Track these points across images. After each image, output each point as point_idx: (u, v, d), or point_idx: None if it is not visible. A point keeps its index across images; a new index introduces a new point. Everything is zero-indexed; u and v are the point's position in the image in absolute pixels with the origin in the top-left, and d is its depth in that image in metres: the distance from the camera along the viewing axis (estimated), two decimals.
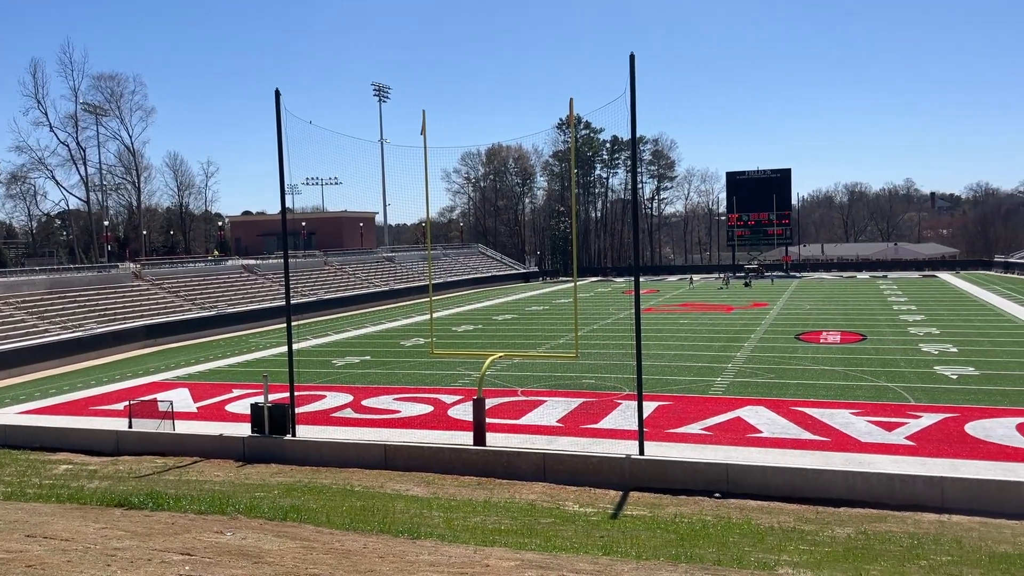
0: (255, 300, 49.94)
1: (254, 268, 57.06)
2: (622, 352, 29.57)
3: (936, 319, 38.57)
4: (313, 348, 36.05)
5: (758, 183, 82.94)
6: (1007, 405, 20.28)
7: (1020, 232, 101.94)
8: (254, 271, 56.46)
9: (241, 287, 52.33)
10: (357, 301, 56.91)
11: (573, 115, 19.62)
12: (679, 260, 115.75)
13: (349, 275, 63.33)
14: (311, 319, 48.92)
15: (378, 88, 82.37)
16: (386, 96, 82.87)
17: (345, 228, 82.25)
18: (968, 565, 10.65)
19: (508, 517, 13.37)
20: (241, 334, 43.26)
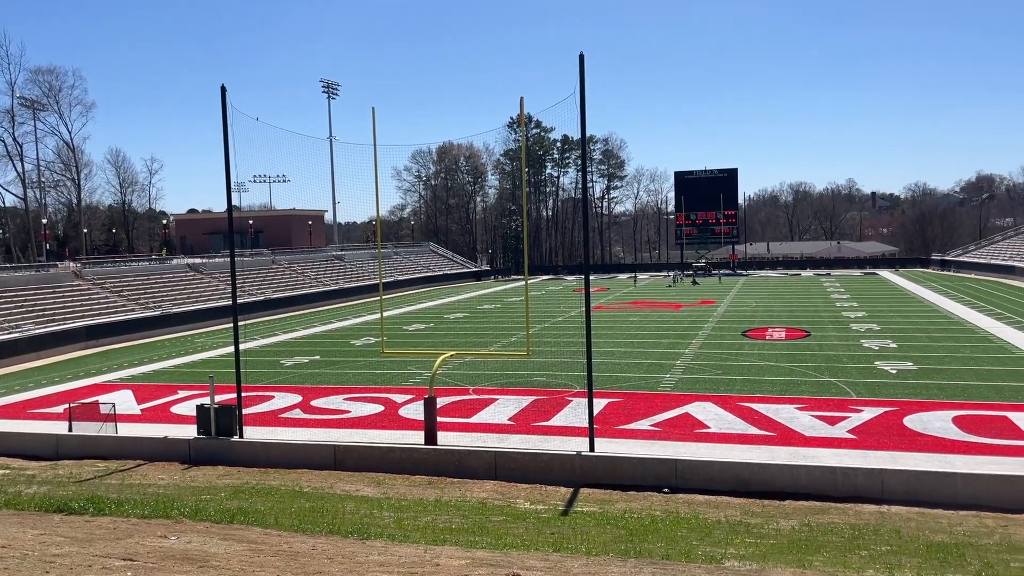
0: (201, 300, 49.00)
1: (200, 267, 55.98)
2: (573, 350, 29.75)
3: (877, 316, 39.61)
4: (261, 348, 35.52)
5: (706, 183, 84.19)
6: (943, 399, 20.92)
7: (956, 231, 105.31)
8: (200, 270, 55.40)
9: (187, 286, 51.30)
10: (306, 300, 56.25)
11: (524, 114, 19.68)
12: (629, 258, 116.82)
13: (298, 274, 62.55)
14: (259, 319, 48.19)
15: (327, 85, 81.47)
16: (335, 93, 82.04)
17: (294, 226, 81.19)
18: (906, 554, 10.96)
19: (459, 516, 13.36)
20: (187, 334, 42.41)
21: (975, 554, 10.99)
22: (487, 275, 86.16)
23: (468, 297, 60.54)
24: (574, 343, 31.21)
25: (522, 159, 20.22)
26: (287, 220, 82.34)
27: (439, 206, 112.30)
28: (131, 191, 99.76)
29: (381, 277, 22.35)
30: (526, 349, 19.31)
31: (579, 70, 16.60)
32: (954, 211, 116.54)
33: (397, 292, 66.18)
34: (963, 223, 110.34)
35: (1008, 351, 28.08)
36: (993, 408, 19.72)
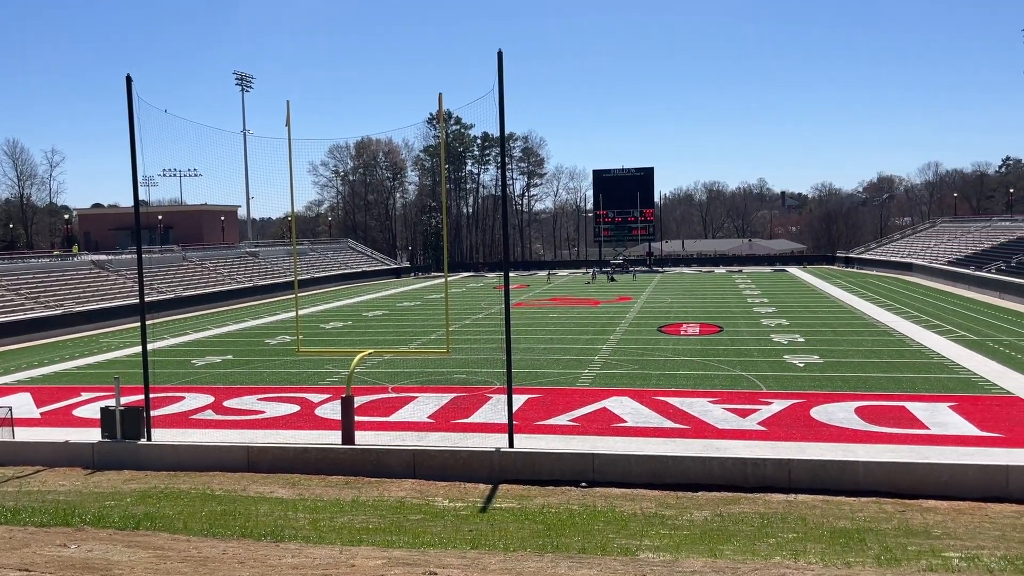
0: (107, 298, 47.06)
1: (106, 264, 53.76)
2: (493, 347, 29.82)
3: (786, 311, 41.01)
4: (171, 348, 34.36)
5: (623, 181, 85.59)
6: (847, 390, 21.81)
7: (859, 230, 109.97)
8: (106, 267, 53.20)
9: (91, 284, 49.18)
10: (219, 298, 54.68)
11: (442, 110, 19.58)
12: (549, 256, 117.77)
13: (210, 271, 60.76)
14: (169, 317, 46.60)
15: (240, 77, 79.37)
16: (249, 86, 79.99)
17: (206, 222, 78.75)
18: (811, 540, 11.37)
19: (376, 515, 13.21)
20: (91, 334, 40.66)
21: (875, 538, 11.49)
22: (407, 272, 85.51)
23: (387, 295, 59.96)
24: (494, 340, 31.27)
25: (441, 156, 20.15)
26: (198, 216, 79.81)
27: (357, 202, 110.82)
28: (30, 184, 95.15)
29: (296, 274, 21.91)
30: (446, 346, 19.24)
31: (498, 67, 16.61)
32: (857, 210, 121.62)
33: (314, 290, 65.01)
34: (865, 222, 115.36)
35: (906, 344, 29.47)
36: (892, 399, 20.67)
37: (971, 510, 13.22)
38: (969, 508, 13.32)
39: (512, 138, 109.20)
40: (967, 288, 49.97)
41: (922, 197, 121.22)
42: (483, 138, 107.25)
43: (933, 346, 28.76)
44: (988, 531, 12.04)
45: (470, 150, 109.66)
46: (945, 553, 10.59)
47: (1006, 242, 57.48)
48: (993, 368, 24.42)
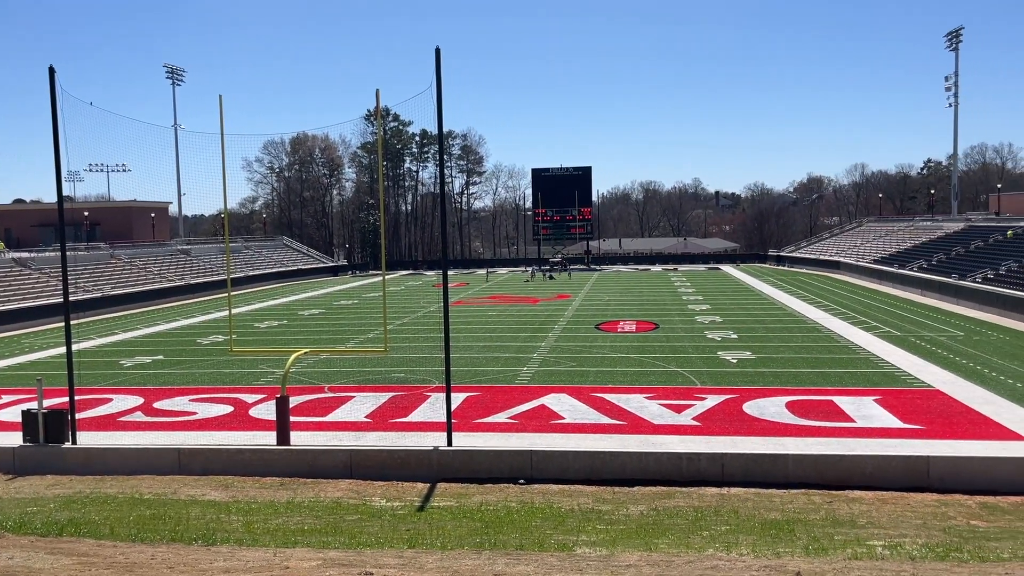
0: (29, 297, 45.29)
1: (28, 262, 51.74)
2: (432, 345, 29.68)
3: (719, 308, 41.85)
4: (98, 348, 33.26)
5: (561, 180, 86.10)
6: (778, 385, 22.36)
7: (790, 229, 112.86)
8: (28, 265, 51.20)
9: (12, 283, 47.28)
10: (149, 297, 53.17)
11: (380, 107, 19.39)
12: (488, 254, 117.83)
13: (139, 269, 59.03)
14: (96, 317, 45.10)
15: (171, 70, 77.30)
16: (180, 79, 77.96)
17: (135, 219, 76.43)
18: (743, 532, 11.63)
19: (312, 516, 13.02)
20: (12, 334, 39.10)
21: (803, 529, 11.81)
22: (344, 270, 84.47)
23: (324, 293, 59.15)
24: (433, 338, 31.13)
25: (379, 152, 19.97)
26: (127, 212, 77.39)
27: (293, 199, 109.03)
28: None
29: (229, 272, 21.44)
30: (384, 345, 19.08)
31: (435, 64, 16.54)
32: (788, 210, 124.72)
33: (248, 288, 63.74)
34: (796, 221, 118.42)
35: (834, 340, 30.38)
36: (821, 393, 21.28)
37: (894, 500, 13.70)
38: (892, 498, 13.79)
39: (451, 136, 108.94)
40: (891, 285, 51.77)
41: (849, 197, 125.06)
42: (422, 135, 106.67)
43: (859, 342, 29.70)
44: (910, 520, 12.50)
45: (408, 147, 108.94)
46: (870, 542, 10.95)
47: (927, 241, 59.73)
48: (915, 362, 25.35)
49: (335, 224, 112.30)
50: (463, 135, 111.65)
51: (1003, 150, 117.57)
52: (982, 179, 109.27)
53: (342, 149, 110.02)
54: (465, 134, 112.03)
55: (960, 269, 45.65)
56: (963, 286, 41.90)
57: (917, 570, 8.54)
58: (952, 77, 74.17)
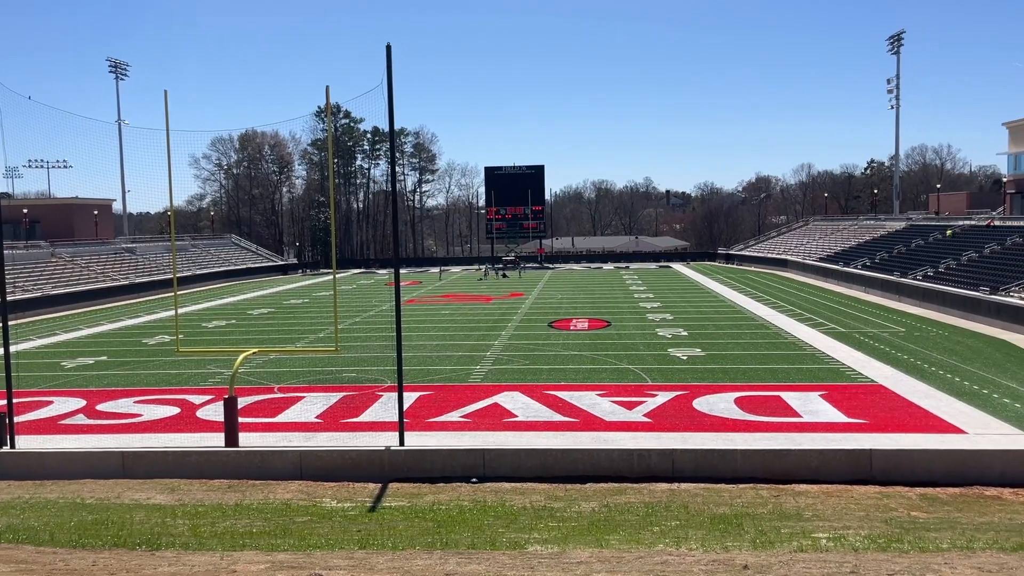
0: None
1: None
2: (384, 344, 29.48)
3: (670, 306, 42.34)
4: (38, 349, 32.30)
5: (514, 178, 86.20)
6: (727, 382, 22.71)
7: (739, 227, 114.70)
8: None
9: None
10: (92, 297, 51.79)
11: (330, 103, 19.15)
12: (441, 252, 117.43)
13: (82, 268, 57.49)
14: (36, 317, 43.78)
15: (115, 64, 75.39)
16: (124, 74, 76.07)
17: (77, 216, 74.38)
18: (693, 527, 11.78)
19: (261, 519, 12.82)
20: None
21: (751, 523, 12.01)
22: (295, 269, 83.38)
23: (274, 292, 58.32)
24: (385, 337, 30.92)
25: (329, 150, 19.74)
26: (69, 209, 75.27)
27: (242, 196, 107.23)
28: None
29: (175, 271, 20.98)
30: (335, 344, 18.88)
31: (386, 61, 16.43)
32: (737, 209, 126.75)
33: (196, 287, 62.53)
34: (745, 220, 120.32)
35: (781, 337, 30.96)
36: (768, 389, 21.67)
37: (839, 492, 14.01)
38: (837, 491, 14.11)
39: (403, 133, 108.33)
40: (836, 283, 52.96)
41: (796, 197, 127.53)
42: (373, 132, 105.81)
43: (806, 338, 30.32)
44: (854, 512, 12.80)
45: (360, 144, 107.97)
46: (815, 534, 11.19)
47: (871, 240, 61.23)
48: (859, 358, 25.97)
49: (285, 222, 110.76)
50: (415, 133, 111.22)
51: (942, 151, 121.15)
52: (922, 179, 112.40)
53: (292, 146, 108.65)
54: (417, 132, 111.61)
55: (902, 267, 46.91)
56: (904, 283, 43.06)
57: (859, 561, 8.74)
58: (894, 80, 76.17)
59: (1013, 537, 10.83)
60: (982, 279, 37.61)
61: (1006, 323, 32.05)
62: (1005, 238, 45.30)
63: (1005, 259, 41.36)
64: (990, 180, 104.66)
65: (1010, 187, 67.30)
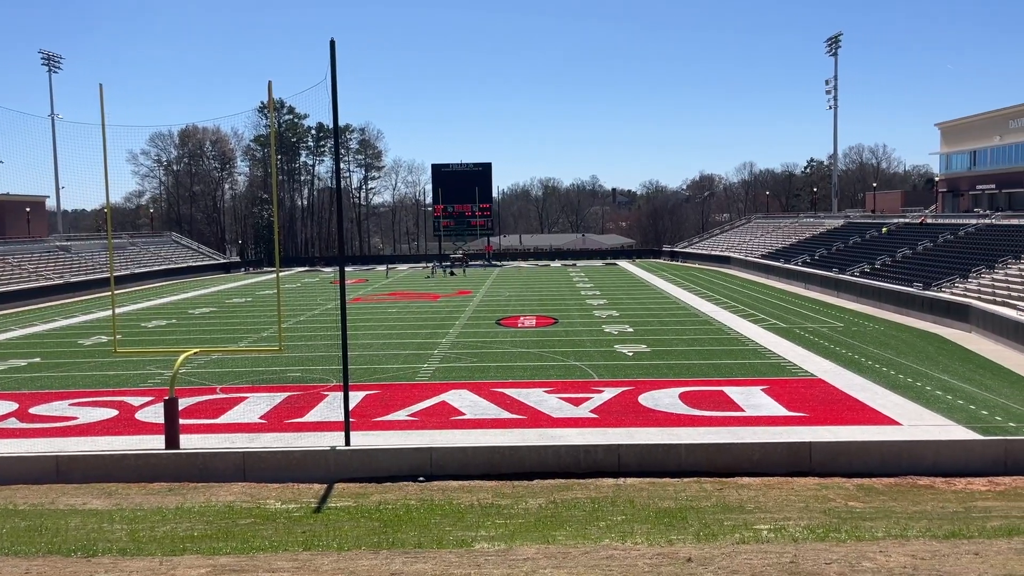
0: None
1: None
2: (329, 343, 29.14)
3: (616, 303, 42.74)
4: None
5: (462, 176, 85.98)
6: (672, 377, 23.02)
7: (683, 225, 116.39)
8: None
9: None
10: (23, 297, 50.07)
11: (272, 99, 18.88)
12: (388, 250, 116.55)
13: (13, 267, 55.54)
14: None
15: (47, 56, 72.99)
16: (58, 66, 73.72)
17: (8, 213, 71.78)
18: (638, 522, 11.91)
19: (203, 522, 12.55)
20: None
21: (695, 516, 12.19)
22: (237, 267, 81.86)
23: (216, 291, 57.18)
24: (331, 336, 30.55)
25: (271, 146, 19.35)
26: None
27: (182, 193, 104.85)
28: None
29: (112, 269, 20.44)
30: (278, 344, 18.60)
31: (330, 56, 16.22)
32: (681, 207, 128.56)
33: (134, 286, 60.94)
34: (689, 218, 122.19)
35: (724, 332, 31.50)
36: (712, 384, 22.04)
37: (780, 484, 14.31)
38: (778, 483, 14.41)
39: (348, 130, 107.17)
40: (777, 279, 54.11)
41: (739, 195, 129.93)
42: (318, 128, 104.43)
43: (748, 334, 30.91)
44: (794, 503, 13.08)
45: (304, 140, 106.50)
46: (757, 526, 11.41)
47: (810, 237, 62.70)
48: (799, 353, 26.58)
49: (227, 220, 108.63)
50: (361, 129, 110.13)
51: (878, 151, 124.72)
52: (860, 178, 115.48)
53: (234, 142, 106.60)
54: (363, 128, 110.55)
55: (840, 263, 48.15)
56: (843, 279, 44.20)
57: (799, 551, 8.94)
58: (832, 81, 78.10)
59: (945, 525, 11.20)
60: (916, 275, 38.82)
61: (938, 318, 33.15)
62: (937, 235, 46.84)
63: (937, 256, 42.77)
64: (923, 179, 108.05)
65: (942, 186, 69.63)
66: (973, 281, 34.96)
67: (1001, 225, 44.60)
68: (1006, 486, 14.13)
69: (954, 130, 67.43)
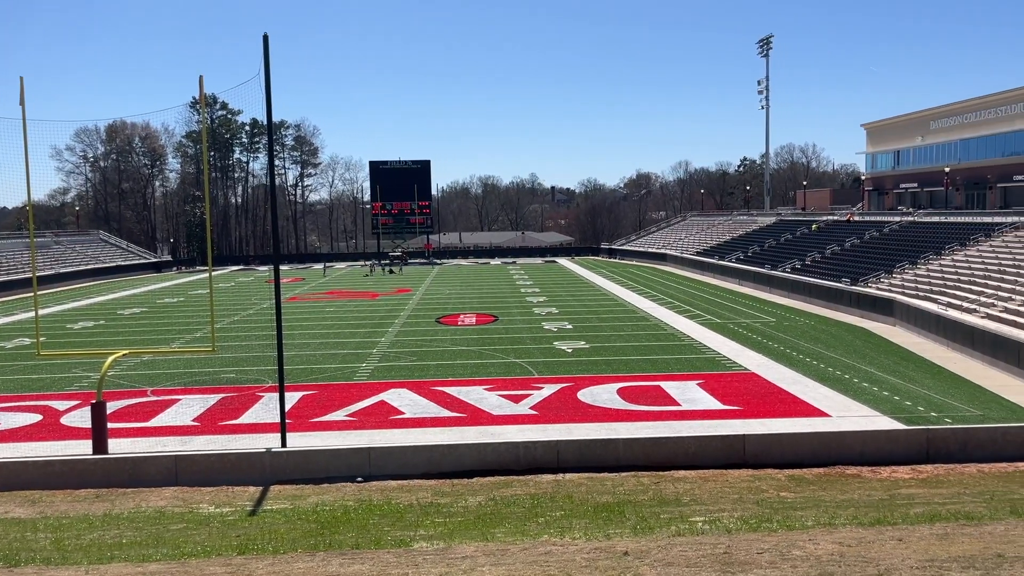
0: None
1: None
2: (265, 343, 28.63)
3: (556, 300, 43.01)
4: None
5: (400, 173, 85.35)
6: (610, 373, 23.27)
7: (621, 223, 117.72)
8: None
9: None
10: None
11: (203, 94, 18.43)
12: (325, 248, 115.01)
13: None
14: None
15: None
16: None
17: None
18: (577, 517, 12.01)
19: (132, 529, 12.19)
20: None
21: (633, 510, 12.35)
22: (169, 266, 79.77)
23: (146, 290, 55.60)
24: (266, 336, 30.01)
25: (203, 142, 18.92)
26: None
27: (110, 190, 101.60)
28: None
29: (35, 269, 19.68)
30: (211, 344, 18.19)
31: (263, 51, 15.92)
32: (619, 205, 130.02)
33: (59, 286, 58.80)
34: (627, 215, 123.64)
35: (661, 328, 31.98)
36: (649, 379, 22.36)
37: (715, 477, 14.60)
38: (713, 475, 14.70)
39: (283, 126, 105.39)
40: (712, 276, 55.18)
41: (675, 193, 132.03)
42: (252, 124, 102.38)
43: (684, 329, 31.44)
44: (728, 495, 13.36)
45: (238, 137, 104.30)
46: (692, 518, 11.61)
47: (744, 235, 64.11)
48: (733, 347, 27.15)
49: (158, 217, 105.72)
50: (296, 125, 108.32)
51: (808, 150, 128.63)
52: (791, 176, 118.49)
53: (165, 138, 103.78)
54: (299, 124, 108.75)
55: (772, 260, 49.35)
56: (775, 276, 45.32)
57: (732, 542, 9.13)
58: (764, 81, 79.97)
59: (871, 512, 11.58)
60: (844, 271, 40.04)
61: (865, 312, 34.26)
62: (864, 232, 48.40)
63: (864, 252, 44.19)
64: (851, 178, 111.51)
65: (868, 184, 71.96)
66: (897, 276, 36.21)
67: (923, 223, 46.35)
68: (928, 474, 14.69)
69: (879, 131, 69.75)
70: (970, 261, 34.72)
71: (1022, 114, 51.02)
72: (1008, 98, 52.54)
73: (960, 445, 15.69)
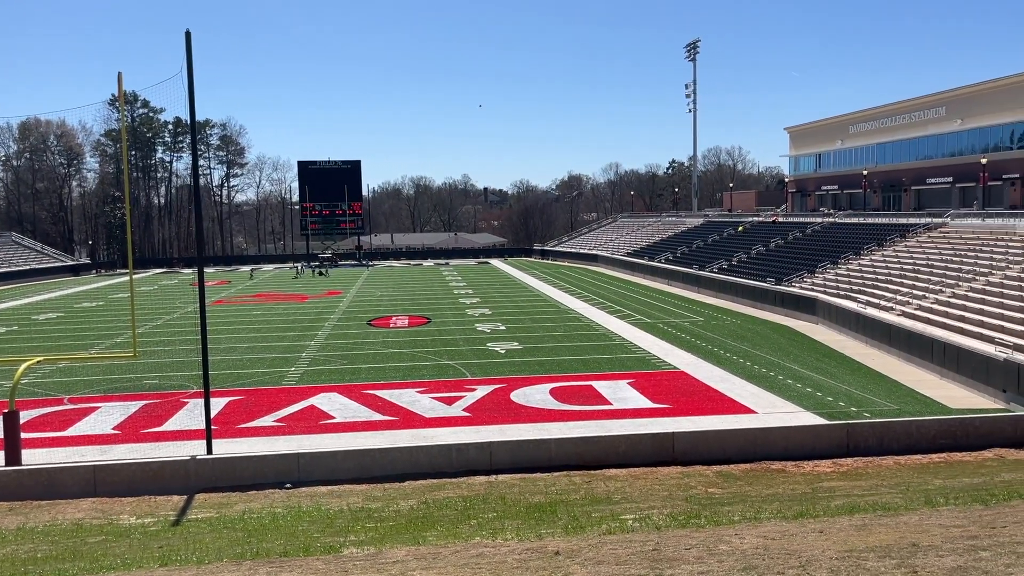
0: None
1: None
2: (190, 348, 27.85)
3: (489, 301, 43.01)
4: None
5: (330, 174, 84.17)
6: (542, 373, 23.39)
7: (553, 224, 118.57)
8: None
9: None
10: None
11: (123, 91, 17.82)
12: (253, 250, 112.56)
13: None
14: None
15: None
16: None
17: None
18: (509, 518, 12.01)
19: (48, 542, 11.69)
20: None
21: (564, 509, 12.42)
22: (87, 269, 76.86)
23: (63, 294, 53.51)
24: (191, 340, 29.19)
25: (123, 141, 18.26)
26: None
27: (24, 190, 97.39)
28: None
29: None
30: (132, 349, 17.59)
31: (186, 47, 15.51)
32: (551, 206, 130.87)
33: None
34: (559, 217, 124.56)
35: (593, 328, 32.30)
36: (581, 379, 22.55)
37: (645, 475, 14.80)
38: (643, 473, 14.89)
39: (208, 124, 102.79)
40: (642, 276, 56.00)
41: (606, 195, 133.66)
42: (175, 123, 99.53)
43: (615, 329, 31.82)
44: (658, 492, 13.56)
45: (160, 136, 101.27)
46: (623, 516, 11.74)
47: (673, 235, 65.26)
48: (663, 347, 27.60)
49: (76, 219, 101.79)
50: (222, 124, 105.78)
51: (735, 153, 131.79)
52: (718, 179, 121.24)
53: (82, 136, 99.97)
54: (224, 123, 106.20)
55: (700, 260, 50.36)
56: (703, 276, 46.26)
57: (661, 539, 9.24)
58: (692, 85, 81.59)
59: (794, 506, 11.89)
60: (769, 271, 41.13)
61: (789, 311, 35.24)
62: (788, 233, 49.81)
63: (788, 252, 45.48)
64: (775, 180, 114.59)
65: (792, 186, 74.07)
66: (819, 276, 37.38)
67: (843, 224, 47.95)
68: (848, 467, 15.19)
69: (801, 134, 71.88)
70: (887, 261, 36.08)
71: (935, 119, 53.28)
72: (922, 103, 54.79)
73: (878, 439, 16.27)
